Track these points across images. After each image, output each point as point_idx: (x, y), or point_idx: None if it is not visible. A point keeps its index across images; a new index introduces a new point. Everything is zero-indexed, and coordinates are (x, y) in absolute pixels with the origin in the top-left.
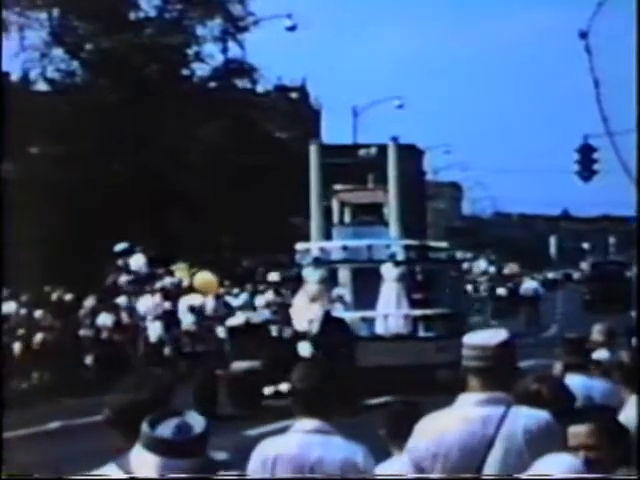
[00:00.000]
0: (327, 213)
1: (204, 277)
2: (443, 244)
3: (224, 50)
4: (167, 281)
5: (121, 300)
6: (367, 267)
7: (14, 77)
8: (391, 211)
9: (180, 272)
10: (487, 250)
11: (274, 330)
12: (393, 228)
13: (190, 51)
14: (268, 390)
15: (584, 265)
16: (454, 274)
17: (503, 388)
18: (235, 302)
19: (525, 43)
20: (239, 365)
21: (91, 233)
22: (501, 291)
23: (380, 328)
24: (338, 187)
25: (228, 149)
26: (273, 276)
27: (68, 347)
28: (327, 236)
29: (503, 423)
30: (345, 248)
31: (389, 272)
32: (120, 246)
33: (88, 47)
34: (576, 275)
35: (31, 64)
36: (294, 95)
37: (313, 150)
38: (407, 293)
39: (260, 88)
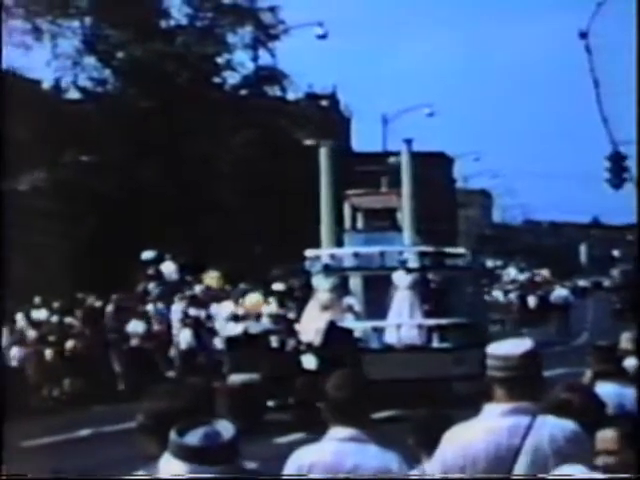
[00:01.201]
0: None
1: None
2: (461, 250)
3: (255, 58)
4: (197, 289)
5: (151, 307)
6: (379, 275)
7: (46, 85)
8: (405, 216)
9: (210, 280)
10: (517, 258)
11: (275, 341)
12: (407, 234)
13: (221, 59)
14: (271, 403)
15: (614, 273)
16: (473, 281)
17: (529, 398)
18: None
19: (556, 48)
20: (237, 378)
21: (122, 240)
22: (531, 299)
23: (392, 338)
24: (350, 191)
25: (258, 157)
26: (277, 285)
27: (98, 354)
28: (339, 242)
29: (529, 433)
30: (356, 255)
31: (401, 280)
32: (147, 254)
33: (120, 55)
34: (606, 283)
35: (63, 72)
36: (324, 103)
37: (323, 153)
38: (421, 302)
39: (291, 96)
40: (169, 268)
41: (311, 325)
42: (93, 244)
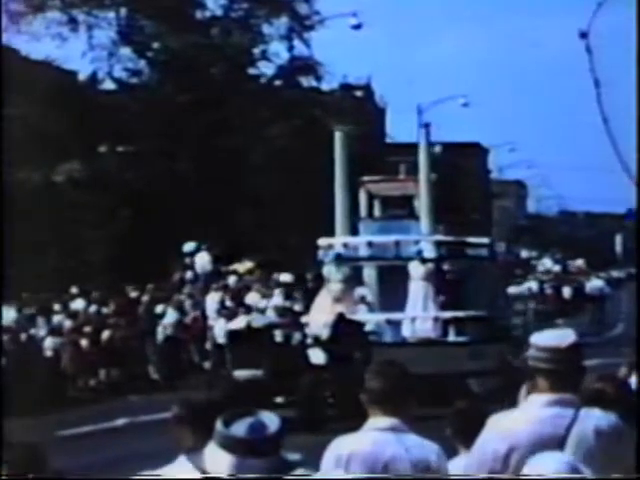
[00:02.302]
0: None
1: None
2: (485, 240)
3: (290, 49)
4: (231, 279)
5: (186, 298)
6: (394, 265)
7: (82, 76)
8: (422, 204)
9: (243, 270)
10: (552, 249)
11: (279, 335)
12: (424, 222)
13: (256, 50)
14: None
15: None
16: (494, 273)
17: (572, 390)
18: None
19: (591, 39)
20: (239, 374)
21: (158, 231)
22: (566, 290)
23: (407, 332)
24: (366, 178)
25: (294, 148)
26: (284, 277)
27: (134, 344)
28: (354, 231)
29: (574, 424)
30: (370, 244)
31: (416, 270)
32: (189, 246)
33: (155, 46)
34: None
35: (99, 63)
36: (359, 93)
37: (338, 137)
38: (437, 293)
39: (325, 86)
40: (204, 259)
41: (321, 317)
42: (129, 235)
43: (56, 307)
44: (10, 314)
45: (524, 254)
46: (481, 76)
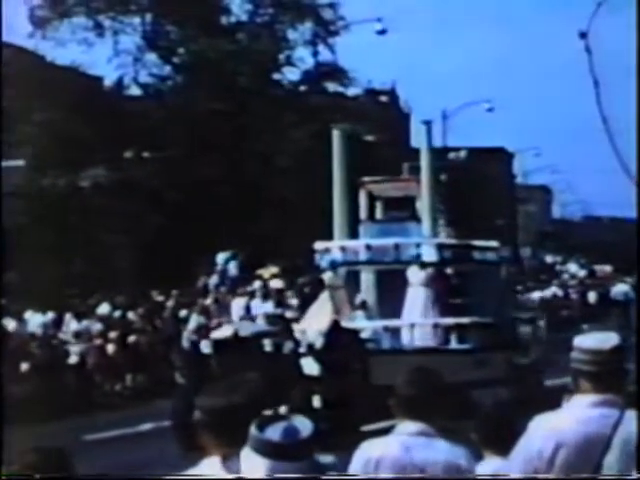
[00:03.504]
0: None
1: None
2: (493, 243)
3: (315, 54)
4: (257, 284)
5: (211, 303)
6: (394, 269)
7: (108, 82)
8: (424, 205)
9: (268, 275)
10: (577, 254)
11: (269, 344)
12: (426, 225)
13: (281, 55)
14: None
15: None
16: (502, 277)
17: (615, 391)
18: None
19: (618, 44)
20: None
21: (183, 236)
22: (591, 295)
23: (406, 339)
24: (366, 178)
25: (318, 153)
26: (274, 283)
27: (160, 349)
28: (355, 234)
29: (619, 425)
30: (369, 247)
31: (415, 275)
32: (222, 256)
33: (180, 52)
34: None
35: (124, 69)
36: (384, 98)
37: (336, 135)
38: (439, 299)
39: (350, 92)
40: (231, 265)
41: (315, 325)
42: (154, 240)
43: (82, 312)
44: (36, 319)
45: (549, 259)
46: (506, 81)
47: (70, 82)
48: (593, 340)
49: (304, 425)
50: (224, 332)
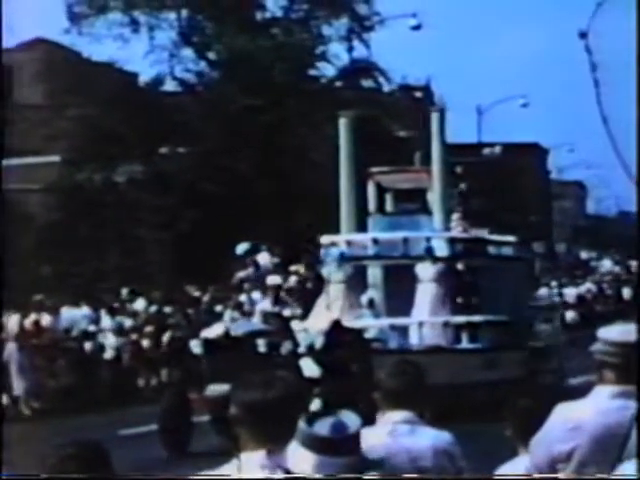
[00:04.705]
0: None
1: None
2: (510, 238)
3: (350, 49)
4: (292, 280)
5: (246, 298)
6: (402, 264)
7: (143, 77)
8: (435, 197)
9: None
10: (611, 249)
11: (263, 345)
12: (438, 217)
13: (316, 51)
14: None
15: None
16: (518, 274)
17: (637, 383)
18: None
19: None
20: (216, 388)
21: (219, 231)
22: (626, 291)
23: (414, 338)
24: (374, 169)
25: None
26: (272, 279)
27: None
28: (363, 227)
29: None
30: (376, 241)
31: (425, 271)
32: (242, 247)
33: (216, 47)
34: None
35: (160, 64)
36: (418, 94)
37: (343, 124)
38: (449, 296)
39: (385, 87)
40: (265, 258)
41: (317, 324)
42: (190, 235)
43: (117, 307)
44: (71, 313)
45: (584, 255)
46: (540, 76)
47: (106, 78)
48: (618, 332)
49: (352, 420)
50: (215, 331)
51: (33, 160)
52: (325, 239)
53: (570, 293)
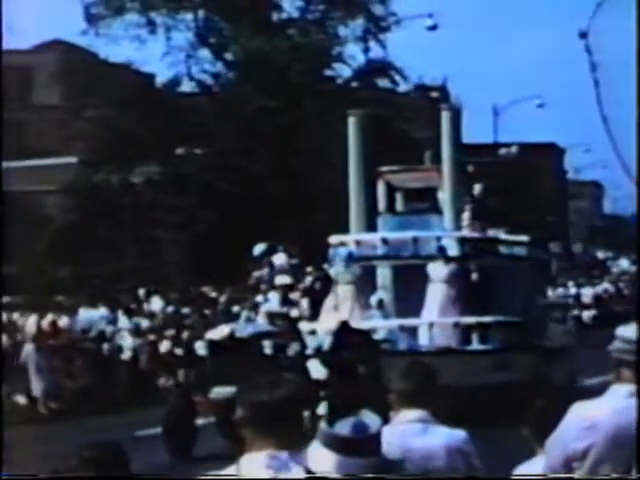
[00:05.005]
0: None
1: None
2: (523, 238)
3: (366, 50)
4: (308, 281)
5: (262, 299)
6: (412, 265)
7: (160, 78)
8: (446, 196)
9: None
10: (628, 249)
11: (269, 346)
12: (448, 217)
13: (332, 51)
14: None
15: None
16: (531, 274)
17: None
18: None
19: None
20: (221, 391)
21: (236, 232)
22: None
23: (423, 339)
24: (384, 168)
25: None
26: (281, 278)
27: None
28: (372, 227)
29: None
30: (386, 241)
31: (436, 271)
32: (259, 248)
33: (232, 48)
34: None
35: (177, 65)
36: (435, 94)
37: (352, 122)
38: (460, 296)
39: (401, 87)
40: (281, 259)
41: (325, 325)
42: (207, 236)
43: (134, 307)
44: (89, 314)
45: (600, 255)
46: (557, 76)
47: (123, 79)
48: (636, 330)
49: (373, 421)
50: (219, 332)
51: (50, 161)
52: (334, 239)
53: (587, 293)
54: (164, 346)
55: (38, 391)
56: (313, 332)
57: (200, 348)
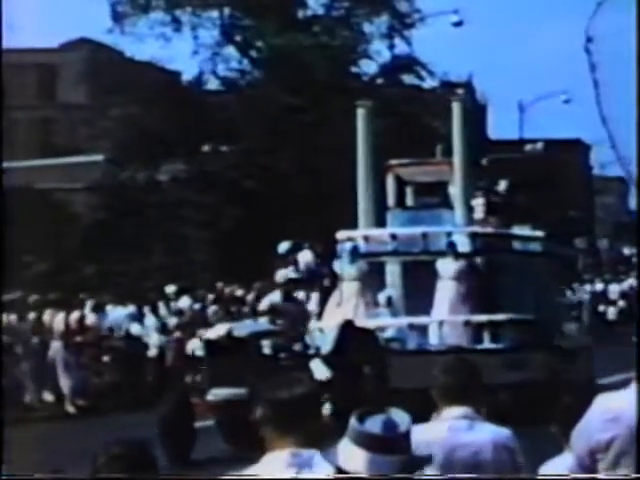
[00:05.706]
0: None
1: None
2: (536, 233)
3: (391, 47)
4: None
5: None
6: (422, 261)
7: (186, 76)
8: (457, 190)
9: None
10: None
11: (268, 346)
12: (459, 212)
13: (357, 48)
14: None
15: None
16: (545, 270)
17: None
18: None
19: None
20: (219, 392)
21: (262, 229)
22: None
23: (433, 338)
24: (393, 161)
25: (393, 146)
26: (283, 274)
27: None
28: (382, 222)
29: None
30: (395, 237)
31: (446, 267)
32: (284, 246)
33: (258, 45)
34: None
35: (202, 63)
36: (460, 91)
37: (361, 114)
38: (471, 293)
39: (426, 84)
40: (306, 257)
41: (331, 323)
42: (233, 233)
43: (161, 305)
44: (116, 312)
45: (626, 251)
46: (582, 72)
47: (148, 77)
48: None
49: (403, 419)
50: (216, 332)
51: (77, 159)
52: (341, 234)
53: (613, 289)
54: (191, 344)
55: (66, 389)
56: (319, 330)
57: (196, 348)
